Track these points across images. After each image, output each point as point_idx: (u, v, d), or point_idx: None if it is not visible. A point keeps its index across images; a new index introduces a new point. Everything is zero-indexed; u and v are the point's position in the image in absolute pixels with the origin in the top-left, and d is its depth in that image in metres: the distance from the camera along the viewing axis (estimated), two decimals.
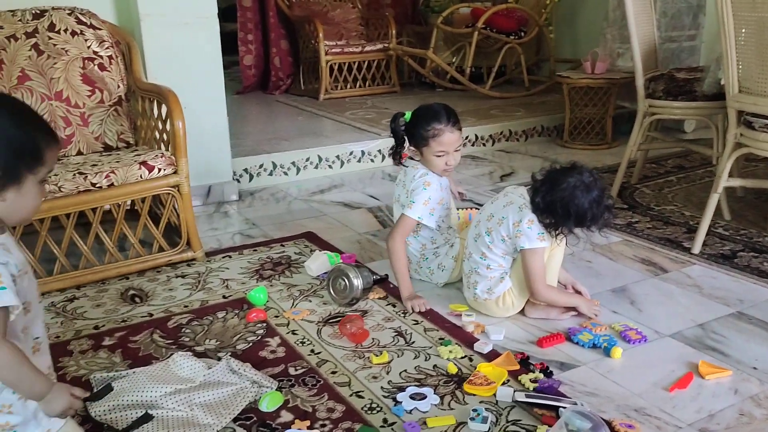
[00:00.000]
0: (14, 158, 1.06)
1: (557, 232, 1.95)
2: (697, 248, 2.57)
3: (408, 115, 2.25)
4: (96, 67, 2.72)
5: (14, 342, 1.13)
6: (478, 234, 2.08)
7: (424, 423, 1.60)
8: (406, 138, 2.26)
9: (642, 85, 3.07)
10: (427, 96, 5.22)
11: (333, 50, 5.05)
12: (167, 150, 2.50)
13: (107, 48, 2.76)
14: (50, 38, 2.68)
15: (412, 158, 2.32)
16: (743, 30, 2.33)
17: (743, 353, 1.89)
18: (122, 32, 2.87)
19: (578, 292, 2.16)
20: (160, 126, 2.58)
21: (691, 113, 3.02)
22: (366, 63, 5.22)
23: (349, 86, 5.22)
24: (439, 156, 2.21)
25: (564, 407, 1.58)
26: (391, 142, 2.33)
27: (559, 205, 1.90)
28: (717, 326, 2.04)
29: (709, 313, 2.11)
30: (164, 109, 2.51)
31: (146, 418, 1.60)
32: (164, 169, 2.40)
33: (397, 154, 2.31)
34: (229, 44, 5.41)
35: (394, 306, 2.19)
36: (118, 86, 2.75)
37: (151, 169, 2.38)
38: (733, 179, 2.58)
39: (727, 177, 2.50)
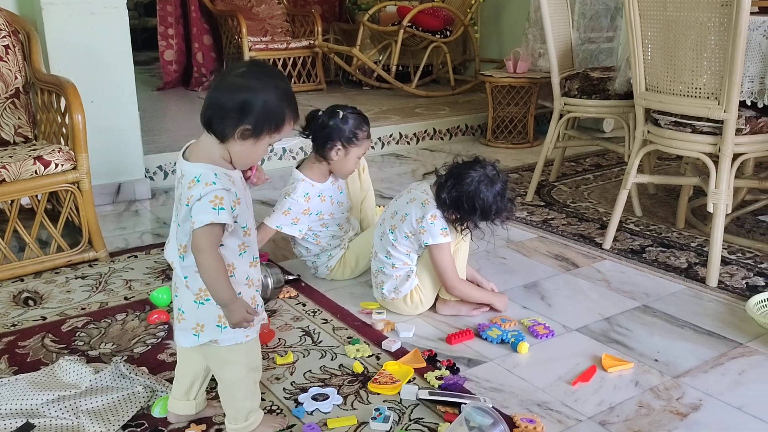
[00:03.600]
0: (264, 121, 1.30)
1: (463, 227, 1.94)
2: (607, 244, 2.61)
3: None
4: None
5: (224, 255, 1.35)
6: (382, 232, 2.05)
7: (325, 424, 1.55)
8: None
9: (558, 83, 3.11)
10: (354, 94, 5.18)
11: (257, 46, 4.94)
12: (67, 145, 2.37)
13: (4, 37, 2.60)
14: None
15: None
16: (650, 30, 2.38)
17: (646, 346, 1.92)
18: (21, 21, 2.72)
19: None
20: (60, 120, 2.45)
21: (604, 111, 3.08)
22: (291, 60, 5.14)
23: None
24: None
25: (466, 404, 1.56)
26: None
27: (465, 199, 1.89)
28: (622, 319, 2.07)
29: (616, 307, 2.15)
30: (64, 102, 2.39)
31: (27, 427, 1.50)
32: (62, 165, 2.28)
33: None
34: (152, 40, 5.27)
35: (304, 305, 2.14)
36: (16, 78, 2.60)
37: (47, 164, 2.25)
38: (642, 176, 2.64)
39: (636, 174, 2.55)
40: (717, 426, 1.58)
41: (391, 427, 1.54)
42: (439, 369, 1.78)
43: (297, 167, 2.29)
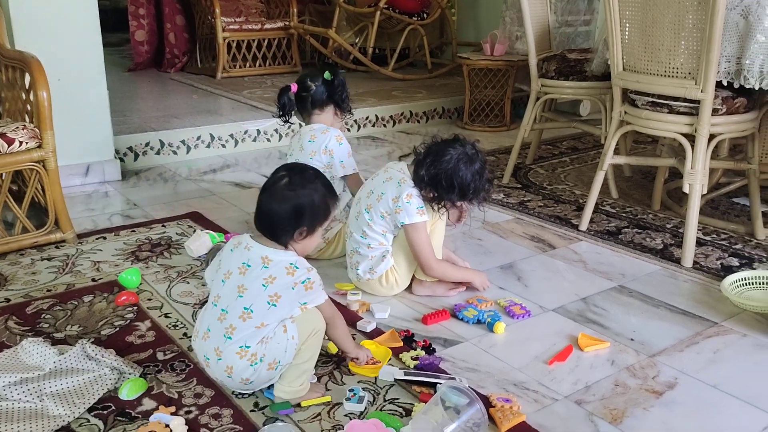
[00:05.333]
0: (316, 218, 1.52)
1: (440, 205, 1.91)
2: (584, 225, 2.60)
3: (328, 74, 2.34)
4: None
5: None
6: (358, 212, 2.01)
7: (298, 405, 1.52)
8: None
9: (535, 64, 3.08)
10: None
11: (231, 27, 4.85)
12: (32, 122, 2.29)
13: None
14: None
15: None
16: (628, 10, 2.36)
17: (622, 325, 1.91)
18: None
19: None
20: (24, 97, 2.37)
21: (581, 93, 3.07)
22: (266, 41, 5.06)
23: (248, 65, 5.04)
24: None
25: (442, 384, 1.54)
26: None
27: (443, 177, 1.86)
28: (599, 300, 2.06)
29: (592, 287, 2.14)
30: (29, 78, 2.30)
31: None
32: (26, 143, 2.20)
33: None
34: (123, 20, 5.14)
35: None
36: None
37: (10, 142, 2.17)
38: (618, 157, 2.63)
39: (613, 155, 2.54)
40: (692, 404, 1.57)
41: (365, 408, 1.51)
42: (415, 349, 1.76)
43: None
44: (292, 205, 1.49)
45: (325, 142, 2.29)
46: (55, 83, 2.35)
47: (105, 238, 2.43)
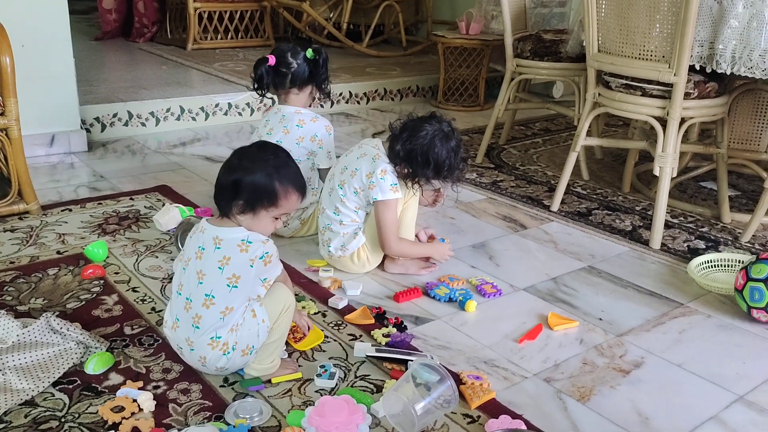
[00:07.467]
0: (255, 197, 1.43)
1: (414, 181, 1.90)
2: (555, 206, 2.62)
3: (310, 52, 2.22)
4: None
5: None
6: (331, 188, 1.99)
7: (269, 381, 1.51)
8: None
9: (510, 44, 3.07)
10: None
11: None
12: None
13: None
14: None
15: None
16: None
17: (591, 305, 1.94)
18: None
19: (431, 237, 2.15)
20: None
21: (556, 74, 3.07)
22: (238, 13, 4.96)
23: (219, 37, 4.94)
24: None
25: (413, 361, 1.54)
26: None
27: (418, 152, 1.86)
28: (568, 279, 2.08)
29: (562, 268, 2.15)
30: None
31: None
32: None
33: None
34: None
35: None
36: None
37: None
38: (591, 138, 2.65)
39: (585, 136, 2.56)
40: (658, 382, 1.60)
41: (336, 384, 1.51)
42: (387, 326, 1.75)
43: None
44: (234, 176, 1.43)
45: (315, 130, 2.21)
46: (18, 49, 2.28)
47: (70, 210, 2.37)
